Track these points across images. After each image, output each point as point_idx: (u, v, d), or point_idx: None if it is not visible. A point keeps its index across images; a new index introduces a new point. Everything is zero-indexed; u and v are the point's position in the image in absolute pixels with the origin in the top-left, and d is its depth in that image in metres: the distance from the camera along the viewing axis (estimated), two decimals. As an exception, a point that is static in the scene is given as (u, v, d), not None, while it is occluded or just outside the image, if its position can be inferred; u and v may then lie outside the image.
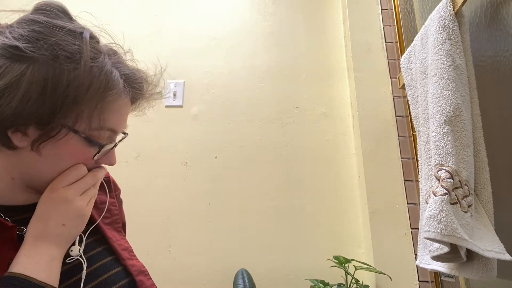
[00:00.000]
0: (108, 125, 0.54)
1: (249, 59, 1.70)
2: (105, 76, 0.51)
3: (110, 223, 0.68)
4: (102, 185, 0.72)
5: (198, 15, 1.80)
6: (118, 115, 0.56)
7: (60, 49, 0.49)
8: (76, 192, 0.54)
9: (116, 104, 0.55)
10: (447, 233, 0.70)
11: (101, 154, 0.57)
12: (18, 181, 0.54)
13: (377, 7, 1.58)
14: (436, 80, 0.86)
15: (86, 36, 0.52)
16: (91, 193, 0.57)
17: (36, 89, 0.47)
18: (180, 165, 1.54)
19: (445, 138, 0.80)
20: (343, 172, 1.52)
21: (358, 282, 1.18)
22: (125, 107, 0.58)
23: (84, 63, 0.49)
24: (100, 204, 0.68)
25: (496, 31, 0.86)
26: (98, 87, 0.50)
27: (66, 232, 0.53)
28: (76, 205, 0.54)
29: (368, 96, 1.47)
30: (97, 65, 0.51)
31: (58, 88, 0.47)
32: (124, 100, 0.56)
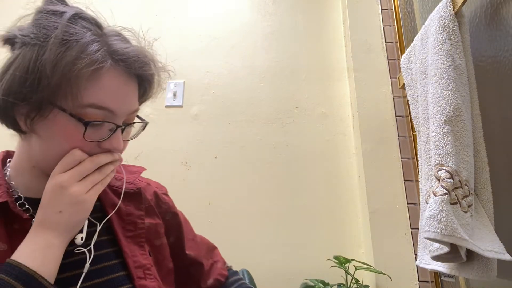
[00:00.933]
0: (95, 102, 0.52)
1: (249, 59, 1.70)
2: (78, 50, 0.51)
3: (133, 236, 0.64)
4: (133, 196, 0.69)
5: (198, 15, 1.80)
6: (107, 92, 0.53)
7: (41, 29, 0.52)
8: (72, 178, 0.52)
9: (103, 80, 0.53)
10: (447, 233, 0.70)
11: (93, 134, 0.53)
12: (37, 169, 0.57)
13: (377, 7, 1.58)
14: (436, 80, 0.86)
15: (67, 15, 0.53)
16: (94, 179, 0.54)
17: (22, 69, 0.50)
18: (180, 165, 1.54)
19: (445, 138, 0.80)
20: (343, 172, 1.52)
21: (358, 282, 1.18)
22: (116, 83, 0.54)
23: (54, 39, 0.50)
24: (125, 215, 0.65)
25: (496, 31, 0.86)
26: (69, 61, 0.50)
27: (64, 219, 0.52)
28: (71, 191, 0.52)
29: (368, 96, 1.47)
30: (70, 39, 0.51)
31: (36, 65, 0.50)
32: (112, 75, 0.53)
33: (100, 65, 0.52)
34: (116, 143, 0.56)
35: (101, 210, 0.64)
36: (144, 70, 0.58)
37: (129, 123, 0.59)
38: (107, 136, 0.55)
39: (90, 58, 0.51)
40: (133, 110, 0.59)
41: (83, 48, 0.51)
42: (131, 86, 0.57)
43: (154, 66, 0.61)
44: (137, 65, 0.56)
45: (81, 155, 0.54)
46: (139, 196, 0.70)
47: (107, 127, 0.55)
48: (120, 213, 0.65)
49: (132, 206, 0.68)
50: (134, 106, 0.58)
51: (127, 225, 0.65)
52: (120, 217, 0.65)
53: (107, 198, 0.66)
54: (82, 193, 0.53)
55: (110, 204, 0.65)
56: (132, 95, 0.58)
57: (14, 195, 0.57)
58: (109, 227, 0.63)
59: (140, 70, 0.57)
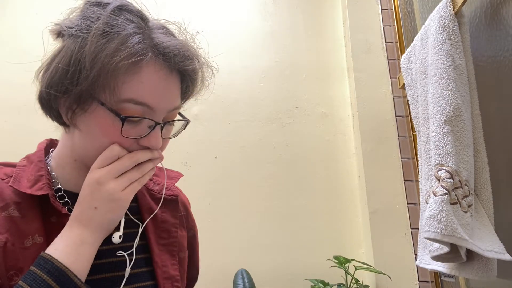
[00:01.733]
0: (134, 96, 0.50)
1: (249, 59, 1.70)
2: (118, 42, 0.49)
3: (166, 244, 0.63)
4: (170, 203, 0.67)
5: (198, 15, 1.80)
6: (146, 87, 0.51)
7: (84, 20, 0.52)
8: (109, 174, 0.51)
9: (142, 74, 0.51)
10: (447, 233, 0.70)
11: (131, 130, 0.52)
12: (79, 163, 0.57)
13: (377, 7, 1.58)
14: (436, 80, 0.86)
15: (110, 6, 0.52)
16: (131, 177, 0.53)
17: (64, 61, 0.50)
18: (180, 165, 1.54)
19: (445, 138, 0.80)
20: (343, 172, 1.52)
21: (358, 282, 1.18)
22: (156, 78, 0.52)
23: (95, 30, 0.50)
24: (161, 222, 0.64)
25: (496, 31, 0.86)
26: (108, 53, 0.49)
27: (98, 216, 0.50)
28: (108, 187, 0.51)
29: (368, 96, 1.47)
30: (111, 31, 0.50)
31: (77, 57, 0.50)
32: (152, 69, 0.52)
33: (140, 58, 0.50)
34: (154, 141, 0.54)
35: (138, 213, 0.63)
36: (185, 65, 0.55)
37: (169, 120, 0.57)
38: (146, 133, 0.53)
39: (130, 50, 0.49)
40: (174, 107, 0.56)
41: (124, 40, 0.50)
42: (172, 82, 0.55)
43: (198, 61, 0.59)
44: (178, 59, 0.54)
45: (120, 151, 0.52)
46: (176, 204, 0.68)
47: (146, 124, 0.53)
48: (156, 219, 0.63)
49: (168, 213, 0.66)
50: (174, 103, 0.56)
51: (161, 233, 0.63)
52: (155, 223, 0.63)
53: (144, 201, 0.64)
54: (118, 190, 0.51)
55: (146, 208, 0.64)
56: (173, 91, 0.55)
57: (54, 186, 0.57)
58: (143, 232, 0.62)
59: (181, 65, 0.55)
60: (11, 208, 0.52)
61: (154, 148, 0.55)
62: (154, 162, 0.57)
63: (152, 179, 0.69)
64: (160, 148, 0.57)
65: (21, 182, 0.54)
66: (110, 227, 0.52)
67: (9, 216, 0.52)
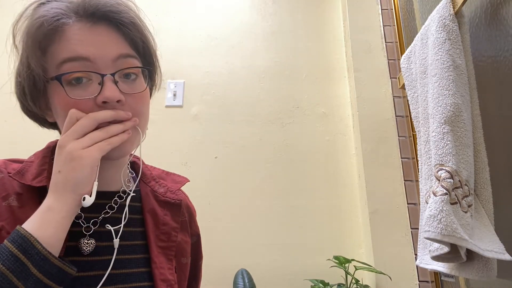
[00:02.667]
0: (67, 55, 0.52)
1: (249, 59, 1.70)
2: (34, 18, 0.54)
3: (164, 247, 0.62)
4: (172, 207, 0.67)
5: (198, 15, 1.80)
6: (73, 41, 0.53)
7: (14, 32, 0.58)
8: (68, 136, 0.50)
9: (67, 34, 0.53)
10: (447, 233, 0.70)
11: (83, 92, 0.52)
12: None
13: (377, 7, 1.58)
14: (436, 80, 0.86)
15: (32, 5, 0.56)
16: (93, 136, 0.51)
17: (16, 70, 0.58)
18: (180, 165, 1.54)
19: (445, 138, 0.80)
20: (343, 172, 1.52)
21: (358, 282, 1.18)
22: (82, 31, 0.53)
23: (21, 16, 0.55)
24: (162, 224, 0.63)
25: (496, 31, 0.86)
26: (29, 31, 0.53)
27: (61, 178, 0.49)
28: (67, 148, 0.50)
29: (368, 96, 1.47)
30: (36, 15, 0.54)
31: (18, 56, 0.56)
32: (76, 26, 0.54)
33: (58, 22, 0.53)
34: (107, 93, 0.52)
35: (140, 213, 0.63)
36: (108, 11, 0.55)
37: (118, 70, 0.55)
38: (99, 91, 0.53)
39: (46, 19, 0.53)
40: (117, 55, 0.55)
41: (37, 12, 0.54)
42: (101, 30, 0.55)
43: (124, 9, 0.58)
44: (99, 9, 0.55)
45: (77, 113, 0.52)
46: (178, 208, 0.68)
47: (96, 81, 0.53)
48: (157, 221, 0.63)
49: (169, 216, 0.65)
50: (114, 51, 0.55)
51: (161, 235, 0.63)
52: (156, 225, 0.63)
53: (147, 202, 0.64)
54: (77, 148, 0.49)
55: (149, 209, 0.64)
56: (105, 38, 0.55)
57: None
58: (144, 232, 0.61)
59: (103, 12, 0.55)
60: (11, 197, 0.53)
61: (110, 100, 0.53)
62: (126, 124, 0.54)
63: (158, 182, 0.69)
64: (131, 110, 0.55)
65: (25, 176, 0.56)
66: (77, 189, 0.49)
67: (8, 206, 0.53)
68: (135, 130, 0.56)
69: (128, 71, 0.56)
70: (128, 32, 0.57)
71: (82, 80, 0.53)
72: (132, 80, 0.57)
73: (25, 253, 0.44)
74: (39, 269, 0.44)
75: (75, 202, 0.49)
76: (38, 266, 0.44)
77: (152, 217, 0.63)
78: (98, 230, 0.57)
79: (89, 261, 0.54)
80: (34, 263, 0.44)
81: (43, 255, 0.45)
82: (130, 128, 0.55)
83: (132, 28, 0.58)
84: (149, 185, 0.68)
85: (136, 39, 0.58)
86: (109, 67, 0.54)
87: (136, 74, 0.57)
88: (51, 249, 0.46)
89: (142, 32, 0.60)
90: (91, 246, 0.55)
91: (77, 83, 0.53)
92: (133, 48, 0.58)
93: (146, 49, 0.61)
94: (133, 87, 0.57)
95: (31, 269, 0.44)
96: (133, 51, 0.58)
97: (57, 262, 0.45)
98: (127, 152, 0.58)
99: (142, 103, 0.58)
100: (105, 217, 0.59)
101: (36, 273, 0.44)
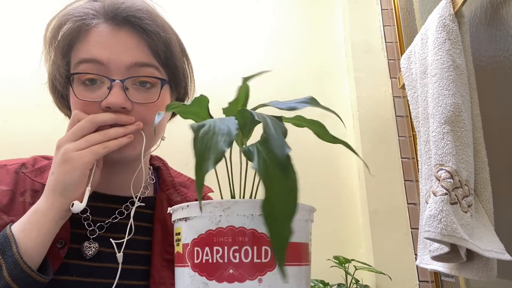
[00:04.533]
0: (84, 56, 0.53)
1: (248, 59, 1.70)
2: (64, 17, 0.55)
3: (170, 260, 0.57)
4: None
5: (197, 15, 1.80)
6: (92, 43, 0.53)
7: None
8: (67, 137, 0.50)
9: (89, 36, 0.54)
10: (447, 233, 0.70)
11: (91, 94, 0.52)
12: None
13: (377, 7, 1.58)
14: (436, 80, 0.86)
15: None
16: (89, 139, 0.49)
17: (47, 66, 0.59)
18: (181, 165, 1.53)
19: (445, 138, 0.80)
20: (343, 172, 1.52)
21: (358, 282, 1.18)
22: (103, 34, 0.53)
23: (55, 20, 0.56)
24: (171, 236, 0.59)
25: (496, 31, 0.86)
26: (54, 27, 0.55)
27: (53, 180, 0.48)
28: (62, 149, 0.49)
29: (368, 96, 1.46)
30: (63, 11, 0.56)
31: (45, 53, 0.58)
32: (99, 29, 0.54)
33: (88, 21, 0.53)
34: (111, 98, 0.51)
35: (150, 221, 0.60)
36: (132, 16, 0.54)
37: (130, 77, 0.53)
38: (106, 95, 0.52)
39: (74, 19, 0.54)
40: (132, 62, 0.53)
41: (67, 12, 0.55)
42: (122, 35, 0.54)
43: (151, 16, 0.57)
44: (123, 13, 0.54)
45: (80, 114, 0.51)
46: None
47: (106, 86, 0.52)
48: (166, 231, 0.60)
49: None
50: (131, 58, 0.53)
51: (168, 246, 0.59)
52: (165, 235, 0.59)
53: (159, 211, 0.61)
54: (70, 150, 0.48)
55: (159, 218, 0.60)
56: (124, 44, 0.54)
57: None
58: (149, 242, 0.58)
59: (127, 17, 0.54)
60: (27, 193, 0.54)
61: (113, 106, 0.51)
62: (127, 128, 0.52)
63: (178, 190, 0.66)
64: (139, 118, 0.54)
65: (44, 174, 0.56)
66: (66, 193, 0.48)
67: (23, 202, 0.53)
68: (138, 135, 0.55)
69: (142, 79, 0.55)
70: (150, 41, 0.56)
71: (95, 82, 0.53)
72: (147, 89, 0.55)
73: (3, 254, 0.44)
74: (9, 272, 0.43)
75: (63, 206, 0.48)
76: (9, 270, 0.43)
77: (162, 227, 0.60)
78: (104, 235, 0.56)
79: (90, 267, 0.53)
80: (7, 265, 0.43)
81: (15, 259, 0.43)
82: (133, 132, 0.53)
83: (155, 38, 0.56)
84: (166, 192, 0.65)
85: (158, 49, 0.57)
86: (121, 73, 0.53)
87: (151, 83, 0.56)
88: (30, 252, 0.45)
89: (166, 42, 0.58)
90: (93, 250, 0.54)
91: (91, 84, 0.53)
92: (155, 57, 0.57)
93: (169, 60, 0.59)
94: (146, 96, 0.55)
95: (4, 271, 0.43)
96: (154, 60, 0.56)
97: (26, 268, 0.44)
98: (129, 156, 0.56)
99: (152, 112, 0.56)
100: (113, 222, 0.57)
101: (6, 276, 0.43)
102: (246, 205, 0.35)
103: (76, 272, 0.50)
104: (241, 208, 0.35)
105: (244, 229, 0.33)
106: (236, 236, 0.33)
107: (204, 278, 0.32)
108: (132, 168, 0.60)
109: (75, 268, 0.49)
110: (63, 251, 0.50)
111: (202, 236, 0.33)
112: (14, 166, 0.57)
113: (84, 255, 0.53)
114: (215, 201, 0.35)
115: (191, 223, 0.35)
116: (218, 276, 0.32)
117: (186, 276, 0.34)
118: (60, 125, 0.63)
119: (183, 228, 0.36)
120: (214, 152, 0.32)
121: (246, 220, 0.34)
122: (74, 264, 0.52)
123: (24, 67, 1.49)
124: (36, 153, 0.64)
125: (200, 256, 0.33)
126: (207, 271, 0.32)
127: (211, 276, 0.32)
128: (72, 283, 0.50)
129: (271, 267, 0.32)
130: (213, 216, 0.34)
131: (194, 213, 0.35)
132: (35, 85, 0.57)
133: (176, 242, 0.37)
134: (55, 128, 0.61)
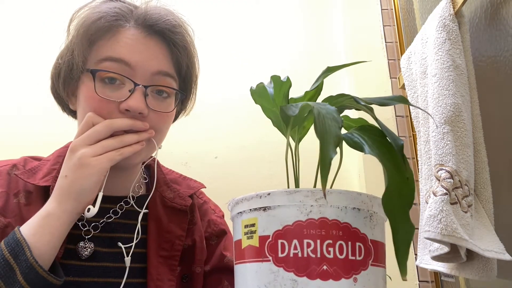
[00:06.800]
0: (111, 54, 0.53)
1: (248, 59, 1.70)
2: (95, 11, 0.55)
3: (166, 257, 0.59)
4: (179, 213, 0.63)
5: (196, 17, 1.80)
6: (123, 44, 0.54)
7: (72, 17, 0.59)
8: (82, 141, 0.49)
9: (119, 35, 0.54)
10: (447, 233, 0.70)
11: (111, 93, 0.52)
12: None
13: (377, 7, 1.58)
14: (436, 80, 0.86)
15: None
16: (105, 144, 0.49)
17: (61, 54, 0.59)
18: (180, 165, 1.53)
19: (445, 138, 0.80)
20: (343, 172, 1.52)
21: (358, 282, 1.18)
22: (134, 37, 0.54)
23: (86, 5, 0.57)
24: (165, 232, 0.60)
25: (496, 31, 0.86)
26: (86, 22, 0.54)
27: (67, 184, 0.48)
28: (78, 153, 0.48)
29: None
30: (90, 6, 0.56)
31: (67, 42, 0.58)
32: (131, 31, 0.55)
33: (119, 22, 0.54)
34: (132, 102, 0.52)
35: (145, 219, 0.61)
36: (166, 28, 0.56)
37: (152, 84, 0.54)
38: (126, 97, 0.52)
39: (104, 15, 0.54)
40: (157, 70, 0.55)
41: (99, 7, 0.55)
42: (152, 43, 0.55)
43: (184, 31, 0.59)
44: (158, 23, 0.55)
45: (95, 117, 0.51)
46: (185, 215, 0.64)
47: (127, 88, 0.53)
48: (161, 228, 0.60)
49: (175, 224, 0.62)
50: (157, 65, 0.55)
51: (163, 243, 0.60)
52: (159, 232, 0.60)
53: (153, 209, 0.62)
54: (87, 155, 0.48)
55: (153, 216, 0.61)
56: (153, 51, 0.55)
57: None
58: (145, 240, 0.59)
59: (161, 28, 0.56)
60: (21, 195, 0.54)
61: (133, 110, 0.52)
62: (141, 135, 0.53)
63: (170, 187, 0.67)
64: (151, 125, 0.55)
65: (36, 175, 0.56)
66: (80, 198, 0.48)
67: (17, 203, 0.53)
68: (149, 142, 0.56)
69: (162, 88, 0.57)
70: (177, 53, 0.58)
71: (115, 81, 0.53)
72: (163, 98, 0.57)
73: (16, 259, 0.44)
74: (24, 276, 0.43)
75: (76, 210, 0.48)
76: (24, 274, 0.43)
77: (156, 224, 0.61)
78: (99, 235, 0.56)
79: (85, 266, 0.53)
80: (21, 270, 0.44)
81: (30, 264, 0.44)
82: (145, 139, 0.54)
83: (182, 51, 0.59)
84: (159, 190, 0.65)
85: (182, 62, 0.59)
86: (146, 79, 0.54)
87: (168, 93, 0.58)
88: (43, 257, 0.45)
89: (190, 57, 0.61)
90: (88, 250, 0.54)
91: (110, 83, 0.53)
92: (176, 69, 0.59)
93: (188, 74, 0.62)
94: (161, 105, 0.57)
95: (18, 275, 0.43)
96: (174, 72, 0.59)
97: (42, 272, 0.44)
98: (135, 163, 0.58)
99: (164, 122, 0.58)
100: (108, 222, 0.58)
101: (21, 280, 0.43)
102: (341, 196, 0.31)
103: (73, 272, 0.50)
104: (335, 198, 0.31)
105: (338, 222, 0.30)
106: (330, 229, 0.30)
107: (292, 274, 0.29)
108: (127, 170, 0.61)
109: (71, 268, 0.49)
110: (60, 252, 0.51)
111: (289, 227, 0.30)
112: (6, 167, 0.57)
113: (80, 255, 0.54)
114: (305, 189, 0.32)
115: (272, 213, 0.31)
116: (310, 272, 0.29)
117: (265, 272, 0.30)
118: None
119: (259, 219, 0.32)
120: (332, 136, 0.31)
121: (340, 212, 0.31)
122: (71, 264, 0.52)
123: (25, 68, 1.49)
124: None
125: (287, 250, 0.30)
126: (296, 266, 0.29)
127: (300, 272, 0.29)
128: (69, 283, 0.50)
129: (365, 266, 0.30)
130: (303, 206, 0.30)
131: (278, 201, 0.32)
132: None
133: (245, 235, 0.33)
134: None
